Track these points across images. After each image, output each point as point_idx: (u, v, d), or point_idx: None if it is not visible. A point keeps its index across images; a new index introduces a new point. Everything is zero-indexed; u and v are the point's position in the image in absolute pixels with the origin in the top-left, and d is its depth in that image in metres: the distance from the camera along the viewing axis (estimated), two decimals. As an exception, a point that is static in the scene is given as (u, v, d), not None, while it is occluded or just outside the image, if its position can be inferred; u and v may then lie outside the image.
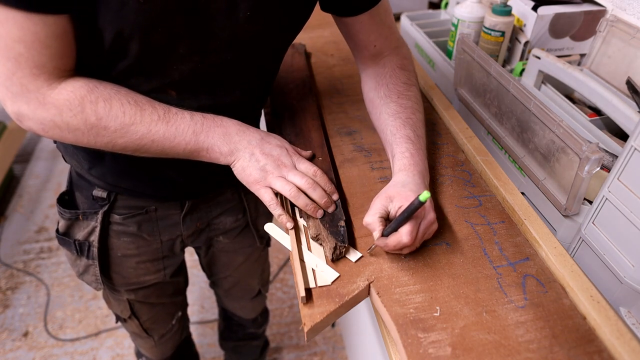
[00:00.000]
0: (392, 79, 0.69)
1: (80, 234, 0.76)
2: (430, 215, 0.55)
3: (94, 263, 0.77)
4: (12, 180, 2.29)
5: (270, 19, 0.57)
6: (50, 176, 2.34)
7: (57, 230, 0.78)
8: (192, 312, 1.62)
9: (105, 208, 0.73)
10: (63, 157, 0.74)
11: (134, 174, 0.69)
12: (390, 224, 0.53)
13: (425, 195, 0.48)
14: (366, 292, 0.55)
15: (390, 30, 0.71)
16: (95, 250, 0.75)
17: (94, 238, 0.75)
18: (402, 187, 0.56)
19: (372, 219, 0.55)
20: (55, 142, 0.73)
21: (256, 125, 0.72)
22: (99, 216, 0.73)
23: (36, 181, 2.30)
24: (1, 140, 2.08)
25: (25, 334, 1.61)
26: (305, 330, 0.50)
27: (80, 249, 0.76)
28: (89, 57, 0.53)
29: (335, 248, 0.56)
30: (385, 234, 0.54)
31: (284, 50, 0.68)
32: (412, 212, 0.51)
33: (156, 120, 0.55)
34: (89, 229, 0.75)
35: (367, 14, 0.66)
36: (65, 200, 0.76)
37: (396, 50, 0.72)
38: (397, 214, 0.54)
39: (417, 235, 0.53)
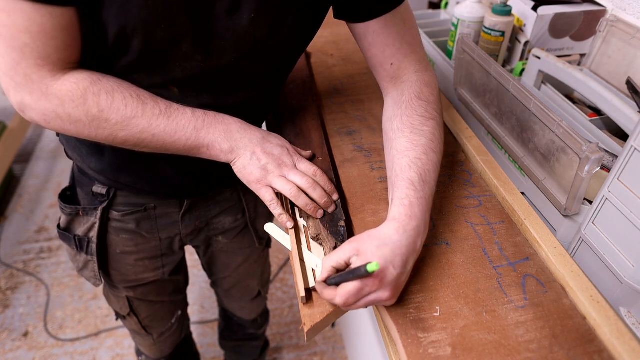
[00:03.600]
0: (407, 111, 0.61)
1: (80, 230, 0.76)
2: (385, 293, 0.48)
3: (92, 259, 0.78)
4: (12, 180, 2.29)
5: (275, 24, 0.56)
6: (50, 176, 2.34)
7: (59, 226, 0.79)
8: (192, 312, 1.62)
9: (105, 204, 0.73)
10: (65, 151, 0.75)
11: (134, 169, 0.69)
12: (337, 275, 0.49)
13: (373, 267, 0.42)
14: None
15: (411, 48, 0.65)
16: (94, 246, 0.76)
17: (93, 234, 0.75)
18: (377, 247, 0.48)
19: (327, 264, 0.51)
20: (58, 135, 0.73)
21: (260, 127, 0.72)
22: (99, 212, 0.73)
23: (36, 181, 2.30)
24: (1, 140, 2.08)
25: (25, 334, 1.61)
26: (305, 330, 0.50)
27: (80, 244, 0.77)
28: (93, 51, 0.53)
29: (335, 248, 0.56)
30: (328, 282, 0.50)
31: (295, 56, 0.66)
32: (354, 278, 0.46)
33: (157, 115, 0.55)
34: (88, 225, 0.75)
35: (380, 22, 0.62)
36: (67, 196, 0.77)
37: (417, 75, 0.65)
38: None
39: (357, 301, 0.48)
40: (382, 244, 0.49)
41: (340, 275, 0.48)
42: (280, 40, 0.59)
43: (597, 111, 0.79)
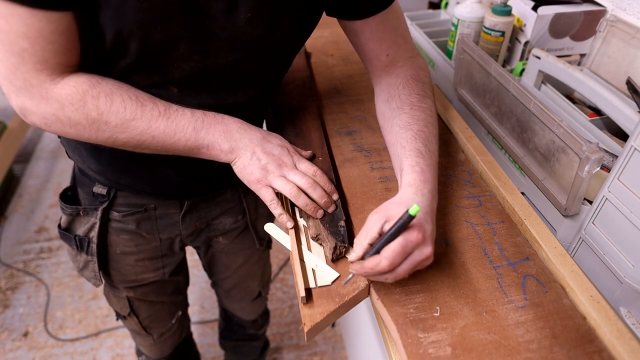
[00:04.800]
0: (405, 90, 0.65)
1: (80, 230, 0.76)
2: (427, 249, 0.48)
3: (93, 259, 0.78)
4: (12, 180, 2.29)
5: (272, 23, 0.56)
6: (50, 176, 2.34)
7: (59, 226, 0.79)
8: (192, 312, 1.61)
9: (105, 205, 0.73)
10: (66, 152, 0.75)
11: (133, 170, 0.69)
12: (374, 244, 0.48)
13: (415, 208, 0.42)
14: (366, 292, 0.55)
15: (404, 39, 0.68)
16: (94, 246, 0.76)
17: (94, 234, 0.75)
18: (406, 208, 0.48)
19: (360, 242, 0.49)
20: (59, 137, 0.74)
21: (259, 127, 0.72)
22: (99, 213, 0.73)
23: (36, 181, 2.30)
24: (1, 140, 2.08)
25: (25, 334, 1.61)
26: (305, 330, 0.50)
27: (80, 244, 0.77)
28: (91, 55, 0.53)
29: (335, 248, 0.56)
30: (366, 257, 0.48)
31: (291, 55, 0.67)
32: (399, 229, 0.45)
33: (157, 116, 0.55)
34: (89, 225, 0.75)
35: (377, 18, 0.64)
36: (68, 196, 0.77)
37: (410, 61, 0.69)
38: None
39: (401, 263, 0.47)
40: (409, 205, 0.48)
41: (382, 238, 0.46)
42: (278, 38, 0.59)
43: (597, 111, 0.79)
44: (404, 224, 0.45)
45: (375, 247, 0.47)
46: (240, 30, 0.54)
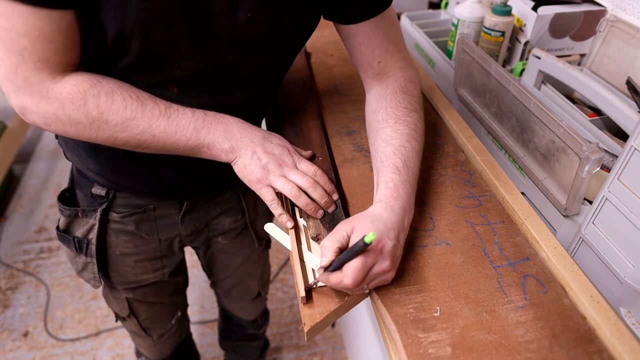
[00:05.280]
0: (392, 102, 0.65)
1: (79, 231, 0.76)
2: (385, 263, 0.50)
3: (92, 261, 0.77)
4: (12, 180, 2.29)
5: (272, 22, 0.56)
6: (50, 176, 2.34)
7: (58, 227, 0.78)
8: (192, 312, 1.62)
9: (104, 206, 0.73)
10: (64, 153, 0.75)
11: (133, 170, 0.69)
12: (337, 259, 0.50)
13: (370, 237, 0.44)
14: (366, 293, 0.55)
15: (398, 48, 0.68)
16: (93, 247, 0.76)
17: (93, 236, 0.75)
18: (372, 223, 0.51)
19: (329, 245, 0.51)
20: (57, 137, 0.73)
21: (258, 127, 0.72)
22: (98, 214, 0.73)
23: (36, 181, 2.30)
24: (1, 140, 2.08)
25: (25, 334, 1.61)
26: (305, 330, 0.50)
27: (79, 246, 0.76)
28: (92, 54, 0.53)
29: (335, 248, 0.56)
30: (330, 269, 0.50)
31: (291, 55, 0.67)
32: (354, 254, 0.47)
33: (157, 116, 0.55)
34: (88, 227, 0.75)
35: (371, 23, 0.63)
36: (66, 198, 0.77)
37: (402, 72, 0.68)
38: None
39: (364, 279, 0.49)
40: (375, 219, 0.52)
41: (339, 258, 0.49)
42: (278, 38, 0.59)
43: (597, 111, 0.79)
44: (359, 250, 0.47)
45: (337, 263, 0.50)
46: (240, 29, 0.55)
